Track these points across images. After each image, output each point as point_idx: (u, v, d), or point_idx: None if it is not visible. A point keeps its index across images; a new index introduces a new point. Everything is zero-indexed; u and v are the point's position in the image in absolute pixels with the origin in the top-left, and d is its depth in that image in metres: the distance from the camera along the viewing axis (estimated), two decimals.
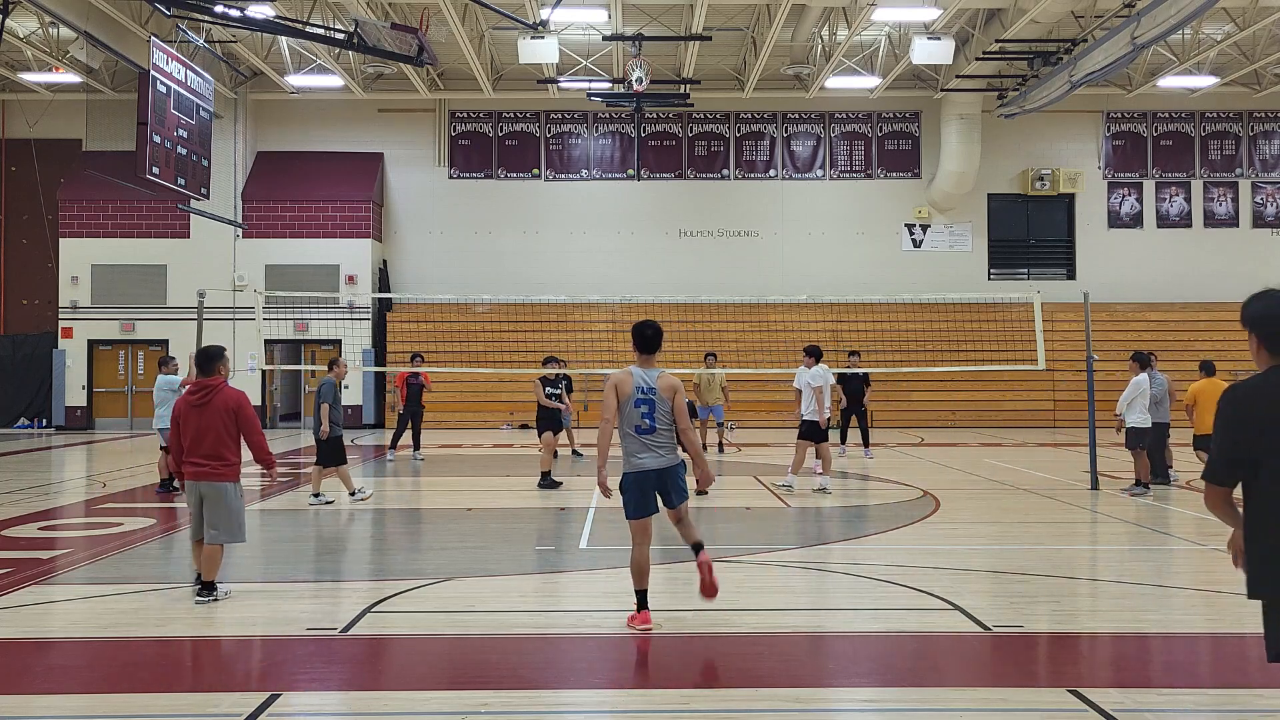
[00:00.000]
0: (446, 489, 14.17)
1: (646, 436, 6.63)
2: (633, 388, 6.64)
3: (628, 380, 6.67)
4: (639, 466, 6.65)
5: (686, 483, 6.89)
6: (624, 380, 6.68)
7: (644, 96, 22.64)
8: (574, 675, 5.82)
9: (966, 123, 27.37)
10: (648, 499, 6.66)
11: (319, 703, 5.35)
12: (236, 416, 7.42)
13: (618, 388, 6.67)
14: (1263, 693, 5.42)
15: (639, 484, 6.65)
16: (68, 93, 27.07)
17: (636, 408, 6.62)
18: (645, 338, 6.75)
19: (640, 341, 6.76)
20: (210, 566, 7.37)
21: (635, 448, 6.66)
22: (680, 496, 6.75)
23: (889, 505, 12.41)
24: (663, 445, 6.67)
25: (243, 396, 7.57)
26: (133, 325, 26.98)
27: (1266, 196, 29.00)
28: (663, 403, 6.64)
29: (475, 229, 28.53)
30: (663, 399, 6.64)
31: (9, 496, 13.29)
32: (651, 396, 6.62)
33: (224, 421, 7.39)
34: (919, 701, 5.33)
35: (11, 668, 5.95)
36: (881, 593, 7.67)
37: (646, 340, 6.75)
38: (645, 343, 6.75)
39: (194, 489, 7.47)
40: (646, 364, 6.75)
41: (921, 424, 26.49)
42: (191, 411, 7.44)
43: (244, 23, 18.43)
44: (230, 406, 7.41)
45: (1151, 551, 9.54)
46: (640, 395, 6.63)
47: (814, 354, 13.55)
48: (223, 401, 7.41)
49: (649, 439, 6.64)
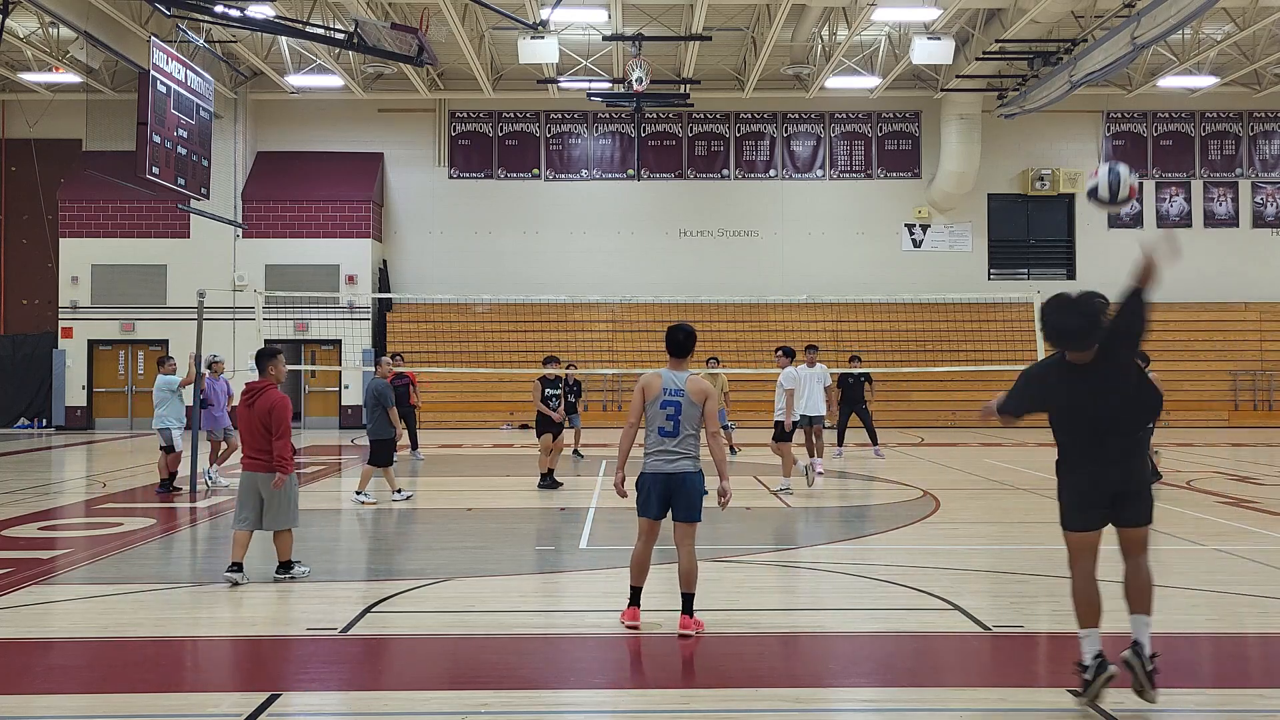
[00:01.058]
0: (446, 489, 14.16)
1: (667, 440, 6.54)
2: (660, 389, 6.56)
3: (656, 381, 6.60)
4: (650, 468, 6.59)
5: (700, 501, 6.61)
6: (652, 382, 6.62)
7: (644, 96, 22.64)
8: (574, 675, 5.82)
9: (966, 123, 27.37)
10: (650, 502, 6.57)
11: (319, 703, 5.35)
12: (270, 416, 7.94)
13: (645, 389, 6.61)
14: (1263, 693, 5.42)
15: (647, 485, 6.59)
16: (68, 93, 27.07)
17: (662, 409, 6.54)
18: (677, 342, 6.66)
19: (672, 345, 6.67)
20: (284, 548, 8.06)
21: (653, 448, 6.60)
22: (687, 513, 6.53)
23: (889, 505, 12.41)
24: (681, 451, 6.53)
25: (280, 400, 8.04)
26: (133, 325, 26.99)
27: (1266, 196, 29.00)
28: (691, 406, 6.52)
29: (475, 229, 28.54)
30: (692, 403, 6.52)
31: (9, 496, 13.29)
32: (679, 399, 6.53)
33: (264, 421, 7.95)
34: (919, 701, 5.33)
35: (11, 668, 5.94)
36: (881, 593, 7.67)
37: (679, 344, 6.66)
38: (677, 347, 6.66)
39: (249, 479, 8.07)
40: (678, 366, 6.67)
41: (921, 424, 26.48)
42: (243, 409, 8.11)
43: (244, 23, 18.43)
44: (265, 408, 7.97)
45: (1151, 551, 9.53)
46: (667, 397, 6.54)
47: (788, 354, 13.78)
48: (264, 402, 8.00)
49: (668, 442, 6.54)
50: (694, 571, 6.51)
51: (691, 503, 6.52)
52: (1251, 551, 9.17)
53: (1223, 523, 10.86)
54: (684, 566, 6.52)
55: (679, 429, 6.51)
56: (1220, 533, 10.27)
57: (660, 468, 6.54)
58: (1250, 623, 6.84)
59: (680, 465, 6.52)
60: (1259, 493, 13.30)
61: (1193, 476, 14.62)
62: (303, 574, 8.08)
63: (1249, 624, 6.82)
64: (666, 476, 6.52)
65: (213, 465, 14.18)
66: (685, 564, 6.53)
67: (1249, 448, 20.25)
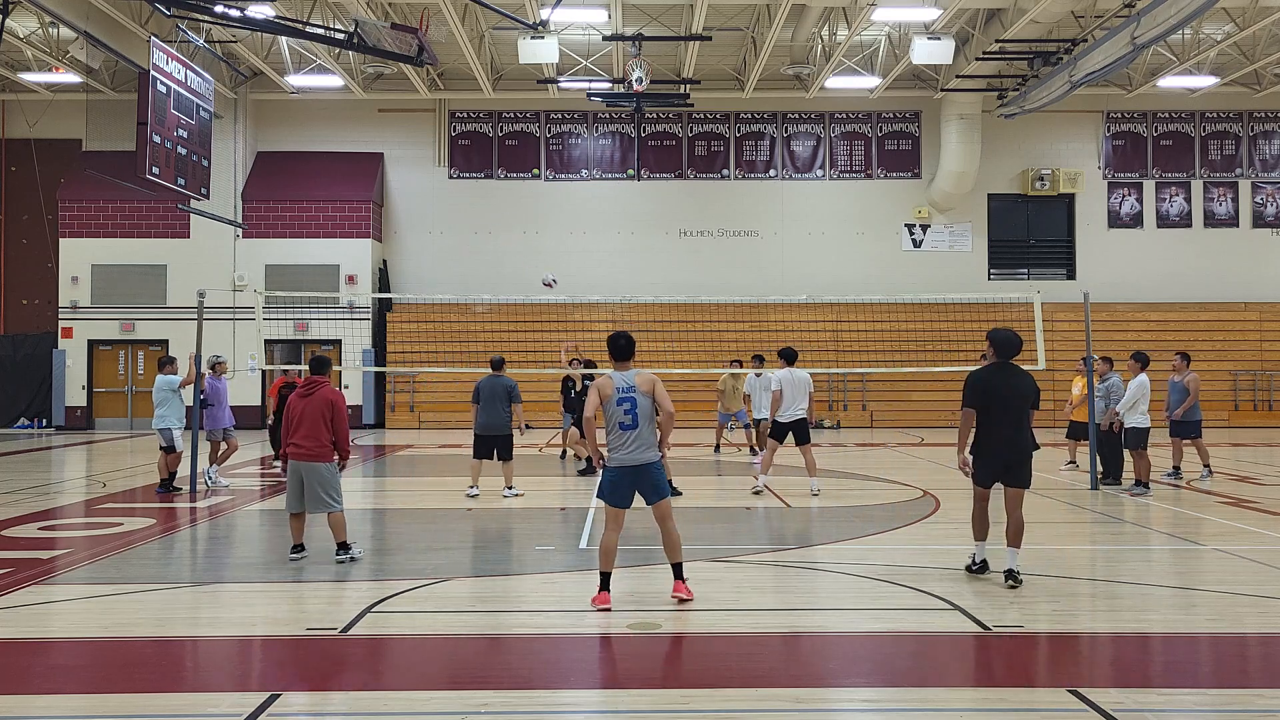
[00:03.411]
0: (446, 489, 14.16)
1: (629, 432, 7.25)
2: (614, 389, 7.28)
3: (609, 383, 7.34)
4: (619, 463, 7.28)
5: (664, 480, 7.43)
6: (605, 384, 7.35)
7: (644, 96, 22.64)
8: (574, 675, 5.82)
9: (966, 123, 27.37)
10: (622, 492, 7.30)
11: (319, 703, 5.35)
12: (333, 409, 8.81)
13: (600, 390, 7.34)
14: (1263, 693, 5.42)
15: (618, 478, 7.29)
16: (68, 93, 27.08)
17: (619, 405, 7.25)
18: (619, 347, 7.46)
19: (614, 350, 7.45)
20: (338, 530, 8.86)
21: (616, 444, 7.30)
22: (657, 494, 7.32)
23: (889, 505, 12.41)
24: (643, 441, 7.26)
25: (340, 396, 8.99)
26: (133, 325, 26.99)
27: (1266, 196, 28.99)
28: (643, 398, 7.27)
29: (475, 229, 28.54)
30: (643, 394, 7.27)
31: (9, 496, 13.30)
32: (632, 394, 7.27)
33: (323, 411, 8.78)
34: (919, 701, 5.33)
35: (11, 668, 5.95)
36: (881, 593, 7.67)
37: (620, 349, 7.46)
38: (619, 351, 7.45)
39: (295, 469, 8.85)
40: (623, 368, 7.43)
41: (921, 424, 26.49)
42: (299, 400, 8.88)
43: (244, 23, 18.42)
44: (329, 399, 8.84)
45: (1151, 551, 9.54)
46: (621, 394, 7.26)
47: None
48: (323, 395, 8.86)
49: (630, 435, 7.25)
50: (679, 541, 7.38)
51: (658, 485, 7.33)
52: (1251, 551, 9.17)
53: (1223, 523, 10.86)
54: (672, 538, 7.35)
55: (637, 420, 7.24)
56: (1220, 533, 10.27)
57: (627, 460, 7.26)
58: (1250, 623, 6.84)
59: (645, 455, 7.28)
60: (1259, 493, 13.30)
61: (1192, 476, 14.63)
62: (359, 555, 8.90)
63: (1249, 624, 6.81)
64: (634, 469, 7.26)
65: (213, 465, 14.18)
66: (672, 536, 7.36)
67: (1249, 448, 20.25)
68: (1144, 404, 13.39)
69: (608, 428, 7.36)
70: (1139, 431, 13.32)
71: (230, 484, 14.33)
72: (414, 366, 25.64)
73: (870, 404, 27.36)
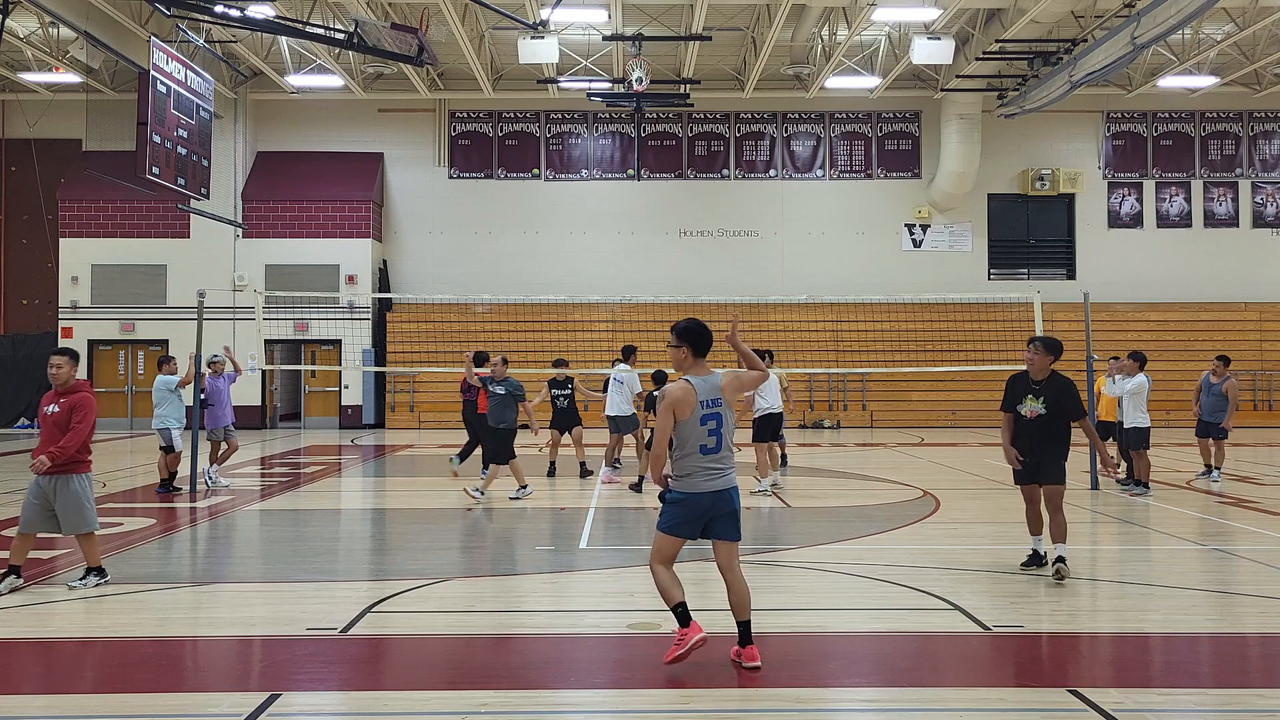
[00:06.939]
0: (446, 489, 14.16)
1: (710, 457, 5.67)
2: (696, 403, 5.64)
3: (689, 397, 5.64)
4: (695, 488, 5.68)
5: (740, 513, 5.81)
6: (684, 399, 5.63)
7: (644, 96, 22.65)
8: (574, 675, 5.81)
9: (966, 123, 27.37)
10: (692, 524, 5.73)
11: (319, 703, 5.35)
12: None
13: (676, 408, 5.63)
14: (1263, 693, 5.42)
15: (690, 507, 5.71)
16: (68, 93, 27.07)
17: (703, 425, 5.64)
18: (698, 336, 5.74)
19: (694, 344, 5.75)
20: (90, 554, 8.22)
21: (694, 468, 5.68)
22: (730, 532, 5.75)
23: (889, 505, 12.41)
24: (725, 465, 5.73)
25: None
26: (132, 325, 27.00)
27: (1266, 196, 29.00)
28: (728, 412, 5.74)
29: (475, 229, 28.54)
30: (728, 408, 5.74)
31: (9, 496, 13.29)
32: (718, 409, 5.69)
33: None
34: (919, 701, 5.32)
35: (11, 668, 5.94)
36: (881, 593, 7.67)
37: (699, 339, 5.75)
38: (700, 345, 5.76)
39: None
40: (701, 370, 5.77)
41: (921, 424, 26.49)
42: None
43: (244, 23, 18.43)
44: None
45: (1151, 551, 9.54)
46: (706, 410, 5.65)
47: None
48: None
49: (713, 459, 5.68)
50: (748, 595, 5.80)
51: (737, 519, 5.77)
52: (1251, 551, 9.17)
53: (1223, 523, 10.86)
54: (740, 591, 5.78)
55: (721, 443, 5.69)
56: (1220, 533, 10.27)
57: (709, 486, 5.67)
58: (1250, 623, 6.84)
59: (729, 479, 5.75)
60: (1259, 493, 13.30)
61: (1192, 476, 14.62)
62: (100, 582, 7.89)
63: (1249, 624, 6.81)
64: (715, 495, 5.68)
65: (213, 465, 14.18)
66: (741, 587, 5.78)
67: (1249, 448, 20.24)
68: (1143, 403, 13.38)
69: (676, 449, 5.70)
70: (1139, 431, 13.32)
71: (230, 484, 14.33)
72: (414, 366, 25.63)
73: (870, 404, 27.36)
